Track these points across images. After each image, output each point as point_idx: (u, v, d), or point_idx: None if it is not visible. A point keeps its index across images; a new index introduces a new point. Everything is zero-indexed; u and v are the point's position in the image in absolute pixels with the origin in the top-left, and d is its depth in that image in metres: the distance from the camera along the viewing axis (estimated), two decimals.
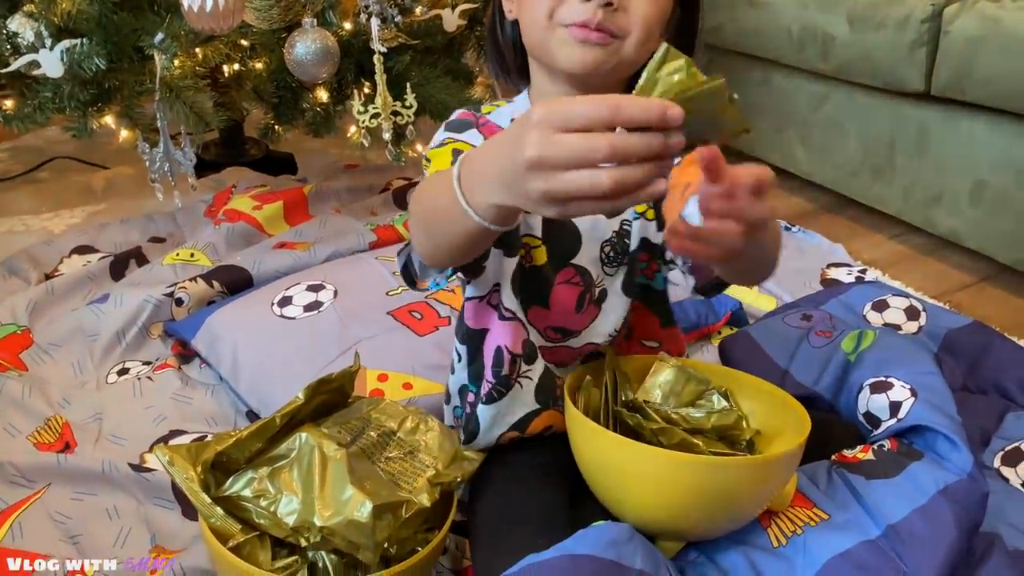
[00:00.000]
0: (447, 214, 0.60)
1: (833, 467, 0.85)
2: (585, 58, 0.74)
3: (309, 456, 0.76)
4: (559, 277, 0.85)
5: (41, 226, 1.66)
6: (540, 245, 0.84)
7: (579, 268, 0.86)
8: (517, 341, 0.84)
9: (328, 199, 1.70)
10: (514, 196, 0.53)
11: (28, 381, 1.15)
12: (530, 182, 0.50)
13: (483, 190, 0.56)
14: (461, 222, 0.59)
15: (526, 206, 0.53)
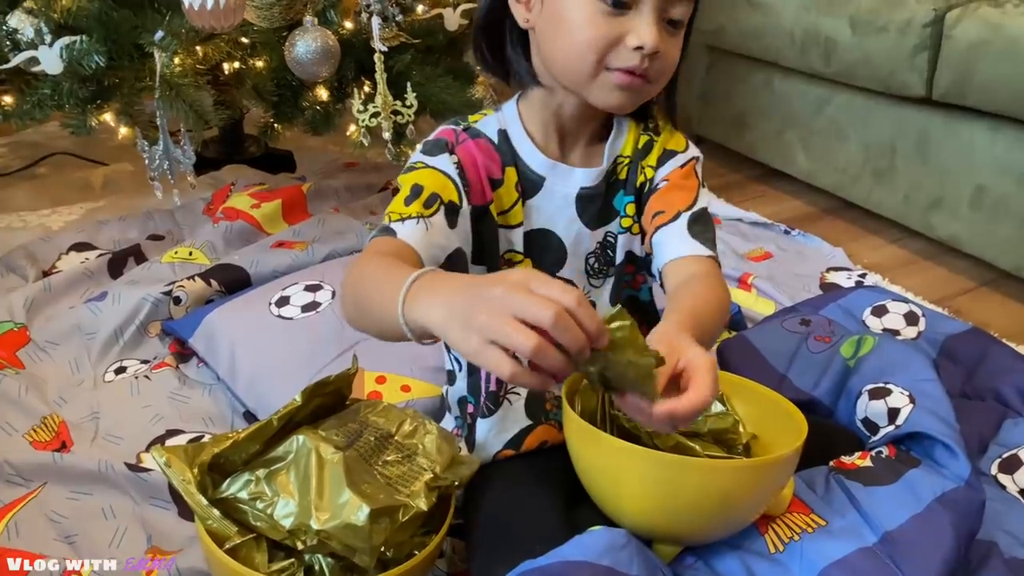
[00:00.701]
0: (382, 307, 0.63)
1: (831, 473, 0.85)
2: (623, 102, 0.77)
3: (306, 459, 0.76)
4: None
5: (39, 222, 1.66)
6: (523, 259, 0.85)
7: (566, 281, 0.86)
8: None
9: (327, 198, 1.70)
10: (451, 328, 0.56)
11: (25, 379, 1.15)
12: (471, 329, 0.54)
13: (424, 311, 0.58)
14: (390, 320, 0.62)
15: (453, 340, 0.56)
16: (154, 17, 1.23)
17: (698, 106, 2.12)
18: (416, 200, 0.76)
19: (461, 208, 0.78)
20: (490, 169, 0.81)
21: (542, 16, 0.77)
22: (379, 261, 0.69)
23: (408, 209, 0.75)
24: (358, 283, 0.69)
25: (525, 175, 0.83)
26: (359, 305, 0.69)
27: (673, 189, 0.84)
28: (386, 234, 0.74)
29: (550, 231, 0.84)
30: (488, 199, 0.81)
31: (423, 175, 0.78)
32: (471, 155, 0.81)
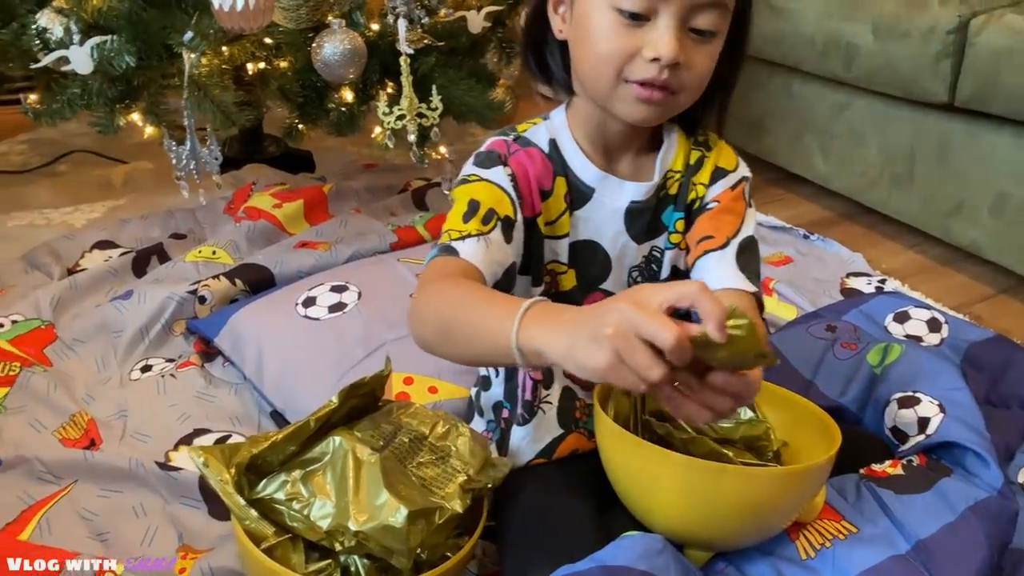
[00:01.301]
0: (486, 333, 0.64)
1: (862, 481, 0.86)
2: (646, 115, 0.76)
3: (343, 460, 0.77)
4: (586, 301, 0.85)
5: (61, 220, 1.67)
6: (567, 270, 0.85)
7: (607, 293, 0.86)
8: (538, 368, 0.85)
9: (348, 198, 1.71)
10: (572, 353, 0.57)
11: (53, 376, 1.16)
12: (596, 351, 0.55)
13: (543, 338, 0.60)
14: (495, 345, 0.63)
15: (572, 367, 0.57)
16: (182, 18, 1.24)
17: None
18: (474, 217, 0.76)
19: (516, 222, 0.78)
20: (541, 180, 0.81)
21: (572, 27, 0.78)
22: (466, 287, 0.69)
23: (467, 226, 0.76)
24: (446, 310, 0.69)
25: (575, 186, 0.83)
26: (449, 332, 0.69)
27: (723, 212, 0.84)
28: (448, 253, 0.75)
29: (596, 243, 0.84)
30: (537, 211, 0.81)
31: (478, 189, 0.78)
32: (523, 167, 0.81)
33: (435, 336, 0.71)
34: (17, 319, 1.25)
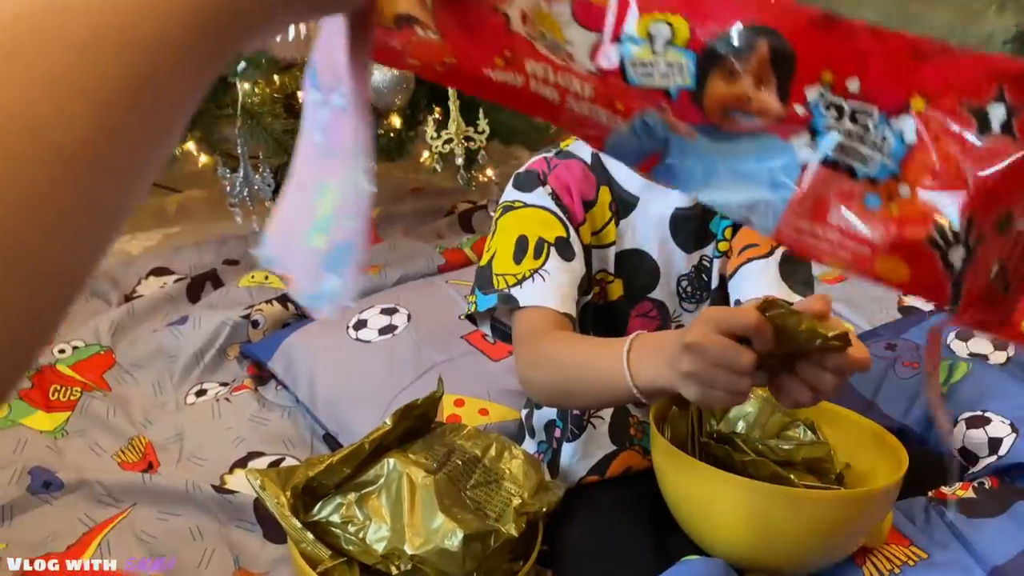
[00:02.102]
0: (602, 384, 0.69)
1: (931, 504, 0.82)
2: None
3: (397, 482, 0.76)
4: (635, 311, 0.85)
5: (119, 248, 1.71)
6: (615, 280, 0.84)
7: (656, 302, 0.85)
8: None
9: (395, 222, 1.72)
10: (670, 371, 0.62)
11: (112, 401, 1.18)
12: (683, 361, 0.59)
13: (651, 369, 0.64)
14: (616, 392, 0.68)
15: (675, 382, 0.61)
16: None
17: None
18: (524, 255, 0.77)
19: (569, 237, 0.78)
20: (584, 191, 0.81)
21: None
22: (563, 349, 0.74)
23: (520, 268, 0.77)
24: (555, 376, 0.74)
25: (619, 195, 0.82)
26: (567, 394, 0.75)
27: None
28: (508, 303, 0.77)
29: (643, 251, 0.84)
30: (580, 219, 0.81)
31: (523, 219, 0.79)
32: (561, 180, 0.81)
33: (553, 400, 0.78)
34: (78, 345, 1.28)
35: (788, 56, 0.36)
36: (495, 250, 0.80)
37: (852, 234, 0.37)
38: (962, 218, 0.36)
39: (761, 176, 0.38)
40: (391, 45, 0.39)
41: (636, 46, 0.38)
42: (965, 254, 0.36)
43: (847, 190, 0.37)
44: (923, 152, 0.36)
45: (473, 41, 0.38)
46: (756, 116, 0.38)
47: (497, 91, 0.39)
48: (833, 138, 0.37)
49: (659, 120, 0.39)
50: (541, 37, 0.38)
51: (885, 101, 0.36)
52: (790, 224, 0.38)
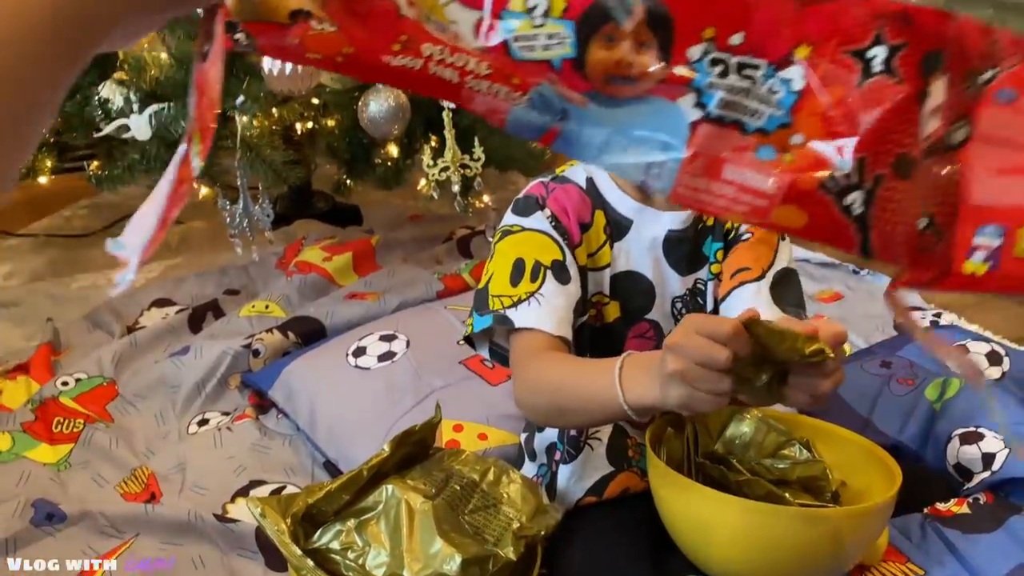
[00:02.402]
0: (596, 403, 0.71)
1: (926, 520, 0.83)
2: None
3: (396, 508, 0.77)
4: (632, 332, 0.86)
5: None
6: (610, 301, 0.85)
7: (652, 323, 0.86)
8: None
9: (395, 249, 1.74)
10: (657, 383, 0.65)
11: (114, 432, 1.19)
12: (667, 361, 0.62)
13: (640, 386, 0.67)
14: (609, 410, 0.70)
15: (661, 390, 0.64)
16: (234, 82, 1.29)
17: None
18: (521, 278, 0.78)
19: (566, 260, 0.80)
20: (580, 213, 0.83)
21: None
22: (557, 369, 0.76)
23: (516, 290, 0.78)
24: (550, 396, 0.76)
25: (613, 218, 0.84)
26: (563, 413, 0.78)
27: (757, 244, 0.84)
28: (503, 324, 0.78)
29: (638, 273, 0.85)
30: (577, 241, 0.83)
31: (521, 242, 0.81)
32: (560, 203, 0.83)
33: (549, 420, 0.80)
34: (81, 377, 1.29)
35: (665, 17, 0.37)
36: (492, 272, 0.82)
37: (747, 187, 0.38)
38: (853, 160, 0.36)
39: (653, 139, 0.39)
40: (288, 41, 0.39)
41: (517, 20, 0.38)
42: (864, 196, 0.36)
43: (738, 145, 0.38)
44: (812, 99, 0.37)
45: (367, 29, 0.39)
46: (638, 80, 0.38)
47: (397, 76, 0.40)
48: (718, 95, 0.38)
49: (553, 92, 0.39)
50: (427, 19, 0.39)
51: (771, 52, 0.37)
52: (685, 184, 0.39)
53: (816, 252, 1.78)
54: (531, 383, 0.78)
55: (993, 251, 0.36)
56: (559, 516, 0.83)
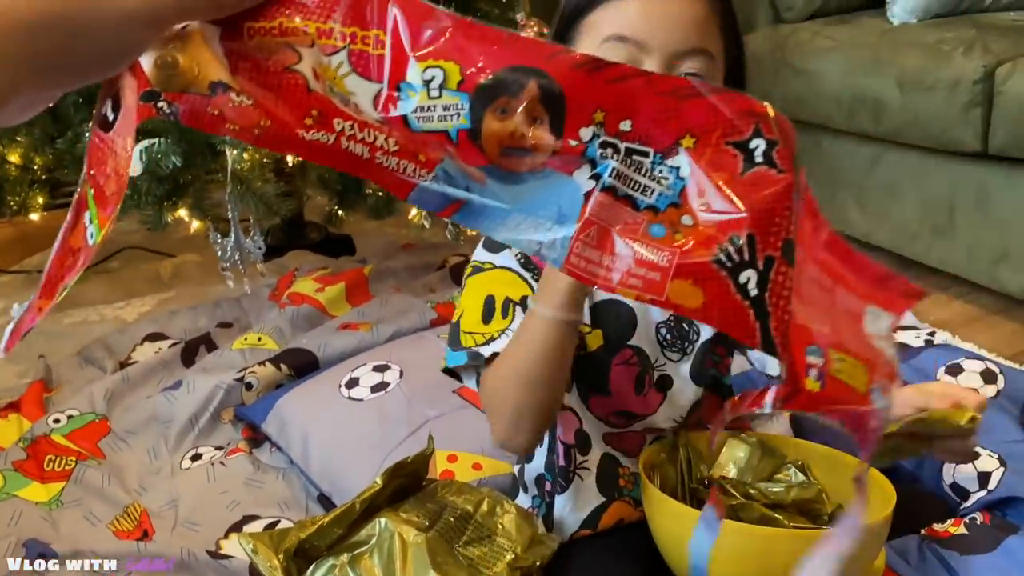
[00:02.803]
0: (536, 345, 0.72)
1: (924, 542, 0.83)
2: None
3: (389, 542, 0.76)
4: (615, 359, 0.85)
5: (114, 315, 1.72)
6: (592, 331, 0.85)
7: (636, 348, 0.86)
8: (569, 431, 0.85)
9: (387, 278, 1.74)
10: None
11: (107, 469, 1.18)
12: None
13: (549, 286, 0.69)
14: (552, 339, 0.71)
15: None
16: None
17: None
18: (493, 315, 0.79)
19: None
20: None
21: None
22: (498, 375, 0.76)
23: (488, 328, 0.78)
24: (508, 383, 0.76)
25: None
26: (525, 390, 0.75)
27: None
28: (476, 360, 0.79)
29: (619, 301, 0.85)
30: None
31: (491, 280, 0.81)
32: None
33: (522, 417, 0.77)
34: (73, 414, 1.29)
35: (557, 94, 0.38)
36: (464, 309, 0.82)
37: (641, 261, 0.39)
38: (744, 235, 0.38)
39: (549, 212, 0.40)
40: (209, 111, 0.40)
41: (414, 92, 0.40)
42: (758, 277, 0.37)
43: (631, 221, 0.39)
44: (698, 184, 0.38)
45: (279, 103, 0.40)
46: (533, 152, 0.39)
47: (312, 151, 0.41)
48: (611, 165, 0.39)
49: (457, 168, 0.40)
50: (331, 91, 0.40)
51: (657, 141, 0.39)
52: (578, 254, 0.40)
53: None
54: (494, 397, 0.78)
55: (820, 369, 0.39)
56: (555, 546, 0.83)
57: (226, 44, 0.40)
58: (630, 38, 0.72)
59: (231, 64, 0.40)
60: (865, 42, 1.75)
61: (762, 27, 2.02)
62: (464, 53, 0.39)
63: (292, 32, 0.40)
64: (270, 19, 0.40)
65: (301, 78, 0.40)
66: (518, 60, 0.38)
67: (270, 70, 0.40)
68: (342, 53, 0.40)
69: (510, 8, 1.67)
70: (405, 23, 0.40)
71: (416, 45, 0.39)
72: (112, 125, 0.40)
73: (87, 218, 0.41)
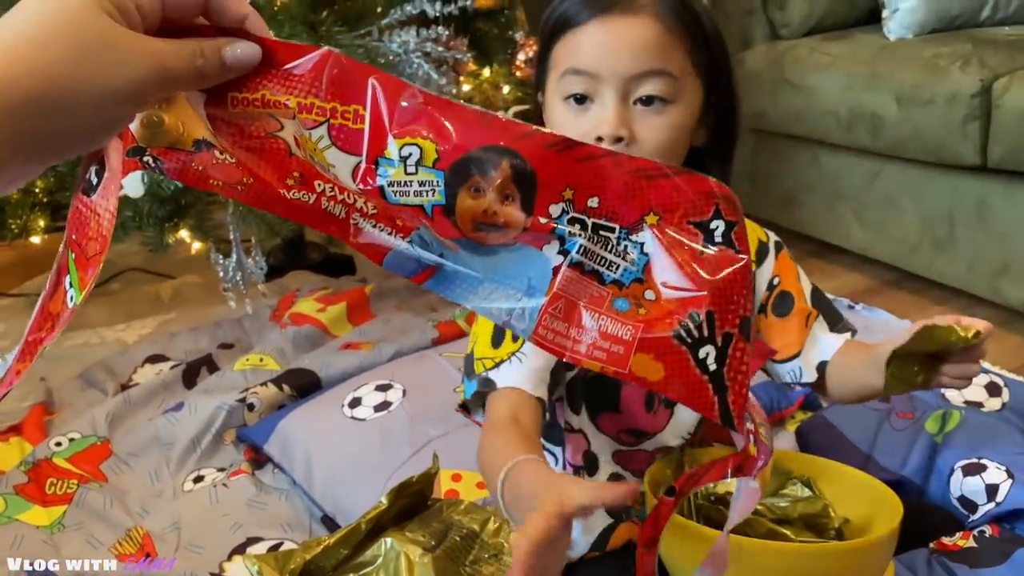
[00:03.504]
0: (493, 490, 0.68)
1: (933, 556, 0.82)
2: None
3: (395, 562, 0.76)
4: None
5: (115, 337, 1.72)
6: None
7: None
8: (577, 453, 0.84)
9: (389, 298, 1.74)
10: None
11: (108, 492, 1.17)
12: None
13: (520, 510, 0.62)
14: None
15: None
16: None
17: (745, 186, 2.13)
18: (502, 339, 0.77)
19: None
20: None
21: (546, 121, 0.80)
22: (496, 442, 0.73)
23: (498, 352, 0.77)
24: (481, 457, 0.74)
25: None
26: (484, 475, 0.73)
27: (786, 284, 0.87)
28: (486, 386, 0.77)
29: None
30: None
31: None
32: None
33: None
34: (74, 436, 1.28)
35: (529, 174, 0.41)
36: (477, 336, 0.81)
37: (605, 334, 0.41)
38: (703, 312, 0.40)
39: (519, 283, 0.42)
40: (193, 167, 0.42)
41: (392, 167, 0.41)
42: (716, 353, 0.40)
43: (596, 295, 0.41)
44: (661, 260, 0.41)
45: (262, 164, 0.41)
46: (504, 228, 0.41)
47: (293, 210, 0.42)
48: (579, 242, 0.41)
49: (432, 235, 0.42)
50: (311, 160, 0.42)
51: (623, 217, 0.41)
52: (546, 327, 0.42)
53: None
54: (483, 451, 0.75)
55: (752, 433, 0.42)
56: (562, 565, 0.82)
57: (210, 110, 0.42)
58: (583, 70, 0.73)
59: (214, 127, 0.41)
60: (862, 58, 1.76)
61: (759, 43, 2.04)
62: (440, 132, 0.40)
63: (275, 105, 0.41)
64: (253, 90, 0.41)
65: (283, 143, 0.41)
66: (492, 139, 0.40)
67: (253, 135, 0.41)
68: (323, 127, 0.41)
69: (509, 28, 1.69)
70: (384, 99, 0.41)
71: (394, 122, 0.41)
72: (96, 189, 0.41)
73: (67, 282, 0.42)
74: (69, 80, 0.35)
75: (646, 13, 0.73)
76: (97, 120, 0.37)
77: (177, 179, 0.42)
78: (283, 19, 1.26)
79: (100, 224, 0.40)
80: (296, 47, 0.41)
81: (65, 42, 0.35)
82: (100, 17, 0.36)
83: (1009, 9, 1.83)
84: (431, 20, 1.42)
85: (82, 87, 0.35)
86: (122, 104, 0.37)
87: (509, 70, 1.66)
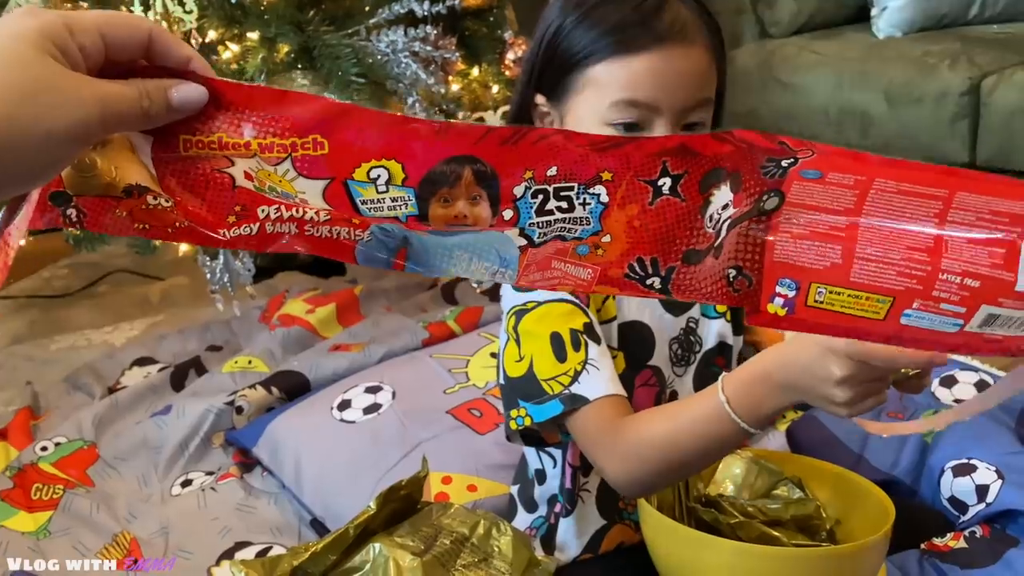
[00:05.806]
0: (708, 438, 0.70)
1: (924, 557, 0.82)
2: None
3: (384, 567, 0.75)
4: (637, 380, 0.84)
5: (102, 339, 1.71)
6: (618, 353, 0.84)
7: (654, 369, 0.85)
8: (576, 453, 0.84)
9: (378, 299, 1.73)
10: (776, 387, 0.65)
11: (95, 497, 1.16)
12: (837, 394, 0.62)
13: (752, 397, 0.66)
14: (725, 438, 0.69)
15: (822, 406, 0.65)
16: None
17: None
18: (565, 352, 0.76)
19: (592, 320, 0.78)
20: None
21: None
22: (653, 419, 0.74)
23: (566, 366, 0.75)
24: (661, 448, 0.72)
25: None
26: (678, 462, 0.73)
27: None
28: (574, 403, 0.74)
29: (640, 321, 0.84)
30: (586, 301, 0.81)
31: (545, 315, 0.77)
32: None
33: (659, 480, 0.75)
34: (60, 441, 1.27)
35: (491, 174, 0.45)
36: (531, 356, 0.77)
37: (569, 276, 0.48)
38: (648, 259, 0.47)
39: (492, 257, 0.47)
40: (117, 214, 0.42)
41: (363, 187, 0.43)
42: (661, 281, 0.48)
43: (561, 248, 0.47)
44: (614, 211, 0.46)
45: (204, 204, 0.43)
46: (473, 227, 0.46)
47: (231, 244, 0.44)
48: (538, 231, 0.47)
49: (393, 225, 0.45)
50: (272, 191, 0.43)
51: (580, 176, 0.46)
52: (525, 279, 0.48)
53: None
54: (632, 450, 0.73)
55: (790, 299, 0.46)
56: (552, 569, 0.81)
57: (158, 153, 0.42)
58: (641, 102, 0.73)
59: (159, 171, 0.42)
60: (851, 56, 1.77)
61: (749, 42, 2.04)
62: (404, 151, 0.43)
63: (232, 147, 0.42)
64: (207, 133, 0.42)
65: (228, 177, 0.42)
66: (452, 150, 0.43)
67: (199, 173, 0.42)
68: (286, 162, 0.42)
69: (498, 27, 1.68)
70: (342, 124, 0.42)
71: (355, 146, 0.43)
72: (12, 220, 0.41)
73: None
74: (11, 122, 0.35)
75: (700, 43, 0.74)
76: (40, 161, 0.37)
77: (99, 231, 0.43)
78: (270, 18, 1.25)
79: (6, 258, 0.41)
80: (242, 87, 0.42)
81: (7, 84, 0.35)
82: (43, 58, 0.36)
83: (997, 7, 1.84)
84: (419, 19, 1.41)
85: (25, 129, 0.36)
86: (66, 145, 0.38)
87: (498, 69, 1.66)
